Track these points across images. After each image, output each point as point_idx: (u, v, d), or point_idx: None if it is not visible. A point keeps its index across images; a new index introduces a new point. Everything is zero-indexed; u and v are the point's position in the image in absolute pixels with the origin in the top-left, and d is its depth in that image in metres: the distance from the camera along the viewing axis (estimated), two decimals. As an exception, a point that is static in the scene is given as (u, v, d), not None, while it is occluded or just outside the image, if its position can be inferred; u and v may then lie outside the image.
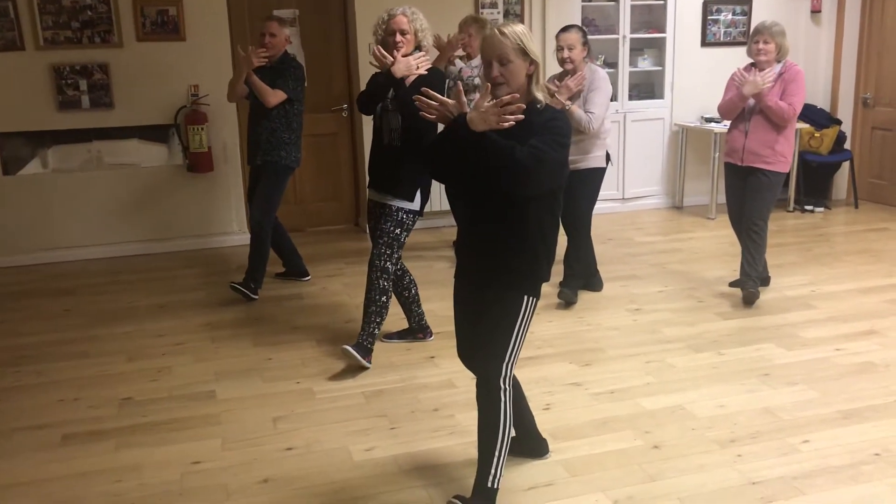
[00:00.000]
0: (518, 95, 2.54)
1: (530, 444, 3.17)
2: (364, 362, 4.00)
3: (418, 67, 3.89)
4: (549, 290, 5.05)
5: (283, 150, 5.04)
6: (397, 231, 4.00)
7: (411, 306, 4.38)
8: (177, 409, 3.70)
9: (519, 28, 2.66)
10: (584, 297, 5.08)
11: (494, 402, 2.70)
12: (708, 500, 2.87)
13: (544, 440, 3.19)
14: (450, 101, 2.62)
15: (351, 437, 3.39)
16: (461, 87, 2.86)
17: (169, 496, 2.98)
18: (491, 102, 2.51)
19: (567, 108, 4.62)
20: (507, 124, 2.50)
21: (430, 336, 4.44)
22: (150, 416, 3.64)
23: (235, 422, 3.56)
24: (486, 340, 2.75)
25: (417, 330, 4.43)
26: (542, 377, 3.92)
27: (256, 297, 5.17)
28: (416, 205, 4.02)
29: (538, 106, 2.63)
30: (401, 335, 4.45)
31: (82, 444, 3.39)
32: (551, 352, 4.25)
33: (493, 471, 2.71)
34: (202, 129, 6.20)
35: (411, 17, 3.98)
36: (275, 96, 4.92)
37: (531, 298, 2.72)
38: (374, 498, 2.94)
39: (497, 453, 2.71)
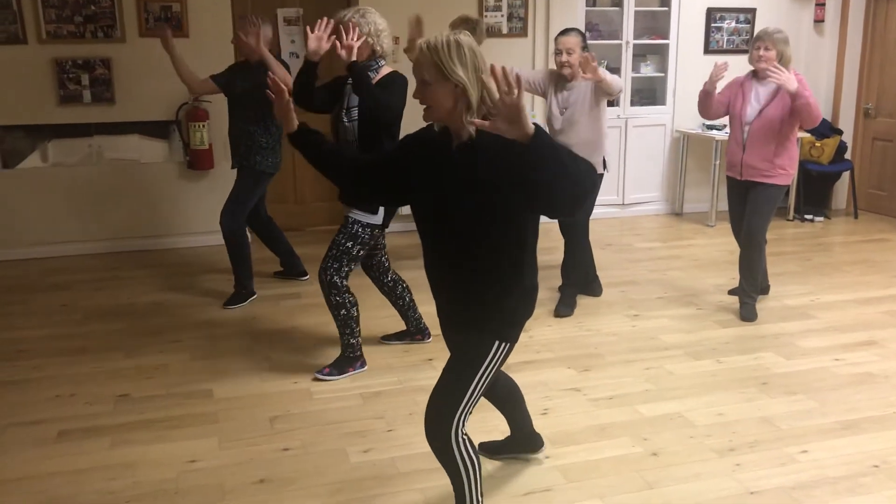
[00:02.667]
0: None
1: (524, 442, 3.13)
2: (343, 377, 3.97)
3: (343, 46, 3.60)
4: (547, 294, 5.06)
5: (258, 154, 4.91)
6: (348, 244, 3.79)
7: (407, 312, 4.36)
8: (173, 406, 3.69)
9: (448, 41, 2.21)
10: (584, 302, 5.07)
11: (450, 459, 2.44)
12: (706, 509, 2.86)
13: (538, 435, 3.15)
14: None
15: (348, 439, 3.37)
16: None
17: (164, 495, 2.96)
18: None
19: (600, 77, 4.40)
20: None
21: (429, 338, 4.42)
22: (147, 413, 3.62)
23: (232, 421, 3.55)
24: (441, 385, 2.44)
25: (415, 332, 4.41)
26: (540, 382, 3.91)
27: (255, 294, 5.16)
28: (377, 218, 3.81)
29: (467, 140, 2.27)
30: (399, 336, 4.43)
31: (78, 440, 3.38)
32: (550, 356, 4.24)
33: None
34: (203, 125, 6.19)
35: (358, 22, 3.73)
36: (286, 75, 4.62)
37: (503, 344, 2.41)
38: (370, 500, 2.92)
39: (468, 493, 2.51)
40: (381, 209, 3.82)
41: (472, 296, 2.42)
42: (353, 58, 3.65)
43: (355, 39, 3.64)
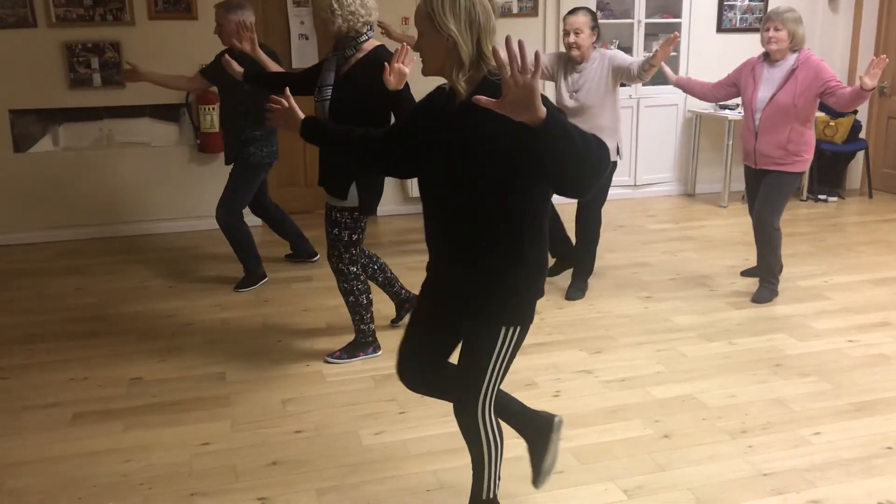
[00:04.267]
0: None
1: (537, 433, 2.77)
2: (353, 361, 3.97)
3: (391, 72, 3.36)
4: (558, 278, 5.04)
5: (252, 145, 4.82)
6: (335, 232, 3.75)
7: (386, 288, 4.30)
8: (186, 389, 3.70)
9: None
10: (595, 284, 5.05)
11: (474, 434, 2.44)
12: (718, 491, 2.85)
13: (543, 414, 2.70)
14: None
15: (360, 421, 3.38)
16: None
17: (178, 477, 2.98)
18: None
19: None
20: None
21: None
22: (160, 396, 3.64)
23: (245, 403, 3.56)
24: (459, 376, 2.40)
25: (402, 303, 4.36)
26: (551, 364, 3.91)
27: (266, 277, 5.16)
28: (350, 202, 3.67)
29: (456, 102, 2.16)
30: (398, 317, 4.41)
31: (92, 423, 3.40)
32: (561, 338, 4.23)
33: (486, 484, 2.55)
34: (213, 108, 6.17)
35: None
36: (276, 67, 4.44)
37: (511, 329, 2.27)
38: (382, 482, 2.94)
39: (487, 470, 2.51)
40: (354, 193, 3.65)
41: (471, 271, 2.27)
42: (400, 86, 3.40)
43: (406, 63, 3.37)
